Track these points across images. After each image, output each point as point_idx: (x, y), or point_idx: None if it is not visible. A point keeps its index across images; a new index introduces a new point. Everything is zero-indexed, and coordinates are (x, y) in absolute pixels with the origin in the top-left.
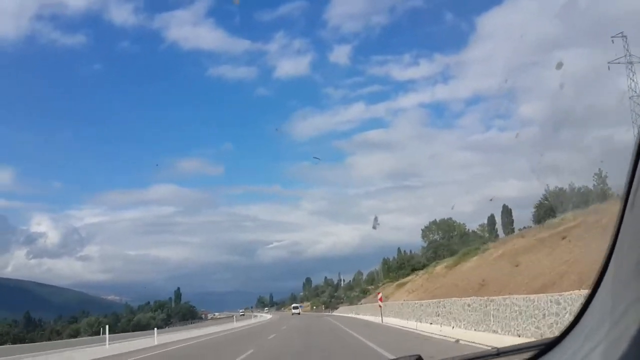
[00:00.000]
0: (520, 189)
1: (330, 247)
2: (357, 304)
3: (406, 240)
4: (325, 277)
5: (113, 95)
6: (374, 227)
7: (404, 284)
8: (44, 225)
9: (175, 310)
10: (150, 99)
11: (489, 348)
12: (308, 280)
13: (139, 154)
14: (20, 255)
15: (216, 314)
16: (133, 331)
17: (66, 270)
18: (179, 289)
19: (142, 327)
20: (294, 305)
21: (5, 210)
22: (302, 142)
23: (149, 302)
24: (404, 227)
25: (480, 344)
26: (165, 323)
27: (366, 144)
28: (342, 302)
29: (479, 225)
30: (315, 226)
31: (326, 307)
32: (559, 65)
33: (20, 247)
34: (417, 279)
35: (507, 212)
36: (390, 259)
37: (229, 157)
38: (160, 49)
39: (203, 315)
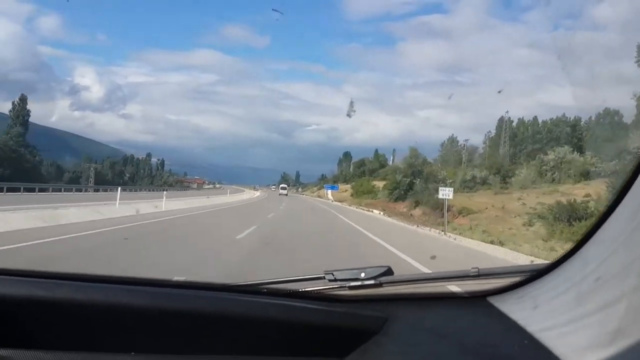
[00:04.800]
0: (576, 98)
1: (369, 137)
2: None
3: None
4: (377, 151)
5: None
6: (349, 115)
7: None
8: (88, 78)
9: None
10: None
11: (470, 268)
12: (347, 156)
13: (185, 13)
14: (64, 105)
15: (218, 185)
16: None
17: (108, 127)
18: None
19: None
20: (282, 185)
21: (50, 59)
22: (353, 21)
23: None
24: (447, 125)
25: None
26: None
27: (421, 29)
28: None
29: None
30: (356, 113)
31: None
32: None
33: (64, 98)
34: None
35: None
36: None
37: (276, 27)
38: None
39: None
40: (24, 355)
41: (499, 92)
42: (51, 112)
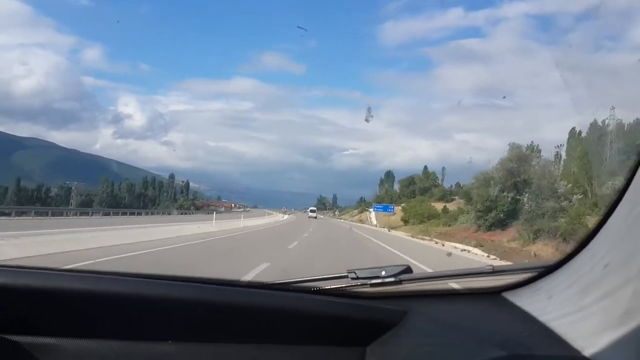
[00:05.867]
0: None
1: (406, 161)
2: None
3: (487, 162)
4: (426, 167)
5: None
6: (367, 120)
7: None
8: (130, 107)
9: None
10: None
11: (484, 265)
12: (389, 176)
13: (224, 43)
14: (107, 134)
15: (249, 208)
16: None
17: (150, 154)
18: None
19: None
20: (311, 208)
21: (94, 88)
22: (389, 47)
23: None
24: (486, 149)
25: None
26: None
27: (457, 53)
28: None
29: None
30: (392, 137)
31: None
32: None
33: (108, 126)
34: None
35: None
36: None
37: (312, 55)
38: None
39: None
40: (72, 344)
41: (504, 97)
42: (95, 140)
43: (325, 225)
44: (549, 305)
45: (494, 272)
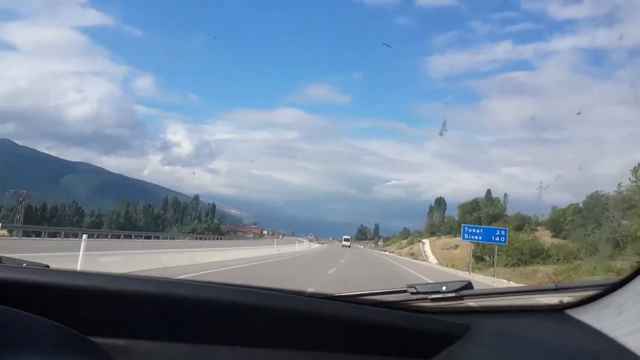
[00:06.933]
0: None
1: (451, 193)
2: None
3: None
4: (489, 191)
5: (249, 14)
6: (441, 134)
7: None
8: (179, 135)
9: None
10: (288, 21)
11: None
12: (440, 203)
13: (271, 75)
14: (155, 160)
15: (282, 236)
16: None
17: (195, 181)
18: None
19: None
20: (345, 237)
21: (144, 117)
22: (435, 79)
23: None
24: (535, 183)
25: None
26: None
27: (506, 86)
28: None
29: None
30: (437, 169)
31: None
32: None
33: (156, 153)
34: None
35: None
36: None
37: (357, 87)
38: None
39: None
40: (142, 346)
41: (578, 113)
42: (144, 166)
43: (358, 264)
44: (620, 322)
45: (558, 289)
